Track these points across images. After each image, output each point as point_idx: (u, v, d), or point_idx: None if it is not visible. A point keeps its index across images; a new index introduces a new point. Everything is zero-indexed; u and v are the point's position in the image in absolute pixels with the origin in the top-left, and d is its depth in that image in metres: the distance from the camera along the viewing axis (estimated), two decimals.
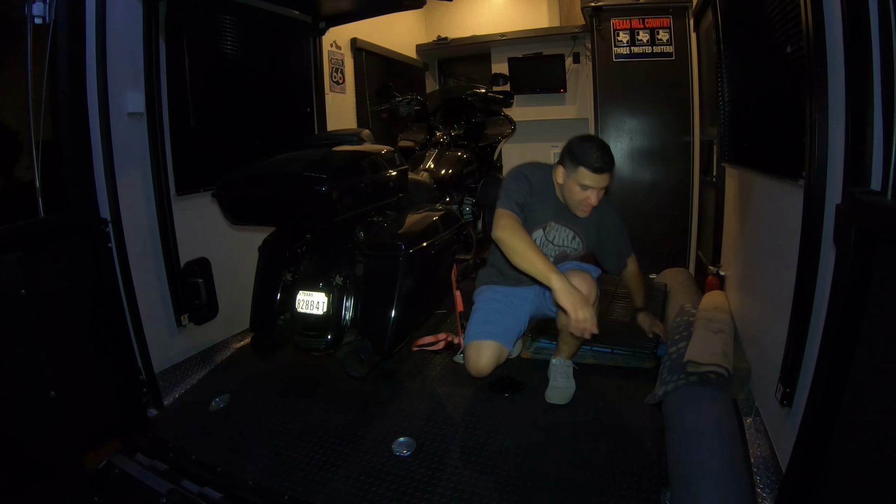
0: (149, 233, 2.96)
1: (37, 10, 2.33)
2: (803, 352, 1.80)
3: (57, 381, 2.11)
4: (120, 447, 2.54)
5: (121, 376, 2.65)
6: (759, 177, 2.67)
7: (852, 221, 1.37)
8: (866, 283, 1.33)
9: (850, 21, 1.49)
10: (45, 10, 2.34)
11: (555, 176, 2.64)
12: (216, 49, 3.47)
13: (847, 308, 1.39)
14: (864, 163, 1.44)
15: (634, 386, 2.80)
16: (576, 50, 6.09)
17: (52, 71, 2.39)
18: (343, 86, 5.01)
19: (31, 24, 2.31)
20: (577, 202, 2.56)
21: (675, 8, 4.67)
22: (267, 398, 2.88)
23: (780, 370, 1.94)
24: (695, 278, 4.21)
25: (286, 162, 2.58)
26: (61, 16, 2.38)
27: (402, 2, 4.22)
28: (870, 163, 1.43)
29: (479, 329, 2.80)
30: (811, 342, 1.76)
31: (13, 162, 2.46)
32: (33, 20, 2.32)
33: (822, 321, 1.57)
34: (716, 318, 2.83)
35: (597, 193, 2.52)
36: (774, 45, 2.20)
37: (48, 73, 2.37)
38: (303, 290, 2.73)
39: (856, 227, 1.35)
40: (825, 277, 1.67)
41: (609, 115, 4.94)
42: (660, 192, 4.88)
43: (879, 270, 1.29)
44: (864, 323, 1.34)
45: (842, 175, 1.55)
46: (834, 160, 1.66)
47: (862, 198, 1.35)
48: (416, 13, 6.34)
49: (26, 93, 2.31)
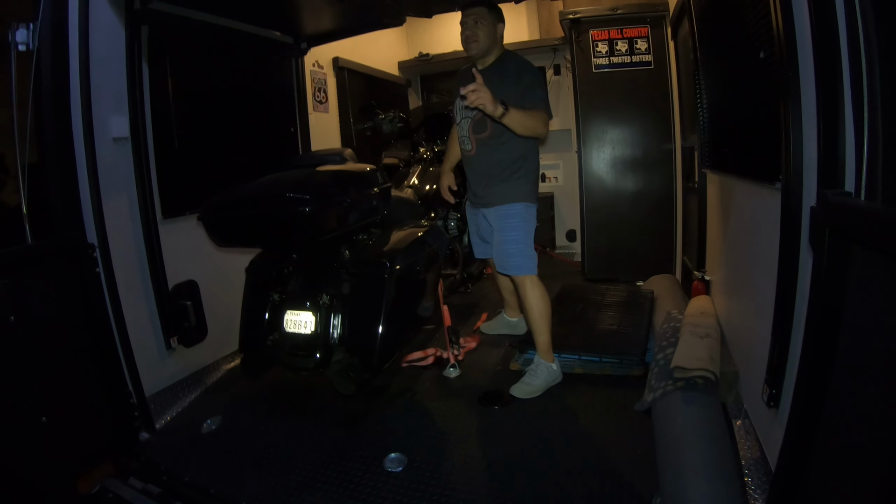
0: (136, 256, 2.96)
1: (21, 37, 2.34)
2: (787, 353, 1.82)
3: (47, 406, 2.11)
4: (113, 471, 2.52)
5: (111, 400, 2.63)
6: (738, 182, 2.71)
7: (826, 223, 1.40)
8: (843, 283, 1.35)
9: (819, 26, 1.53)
10: (28, 37, 2.35)
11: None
12: (199, 72, 3.49)
13: (825, 308, 1.41)
14: (837, 165, 1.47)
15: (623, 394, 2.81)
16: (556, 62, 6.15)
17: (37, 97, 2.40)
18: (326, 105, 5.03)
19: (14, 50, 2.32)
20: (464, 41, 2.95)
21: (652, 17, 4.72)
22: (258, 418, 2.87)
23: (766, 371, 1.96)
24: (681, 284, 4.24)
25: (270, 183, 2.59)
26: (45, 42, 2.39)
27: (383, 20, 4.24)
28: (843, 165, 1.45)
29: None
30: (794, 343, 1.78)
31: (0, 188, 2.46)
32: (17, 47, 2.33)
33: (804, 321, 1.58)
34: (702, 322, 2.86)
35: (470, 26, 2.90)
36: (748, 52, 2.24)
37: (33, 98, 2.37)
38: (290, 309, 2.73)
39: (829, 227, 1.38)
40: (805, 278, 1.69)
41: (591, 126, 4.97)
42: (643, 199, 4.91)
43: (855, 269, 1.31)
44: (842, 322, 1.36)
45: (816, 177, 1.58)
46: (809, 163, 1.69)
47: (835, 199, 1.37)
48: (397, 30, 6.36)
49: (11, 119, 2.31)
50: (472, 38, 2.90)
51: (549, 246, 6.30)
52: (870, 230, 1.23)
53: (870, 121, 1.32)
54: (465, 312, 4.26)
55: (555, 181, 6.52)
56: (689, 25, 3.54)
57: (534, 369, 2.97)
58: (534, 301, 2.94)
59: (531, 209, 3.01)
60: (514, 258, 2.98)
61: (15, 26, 2.33)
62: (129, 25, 2.85)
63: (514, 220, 2.96)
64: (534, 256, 2.99)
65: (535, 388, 2.90)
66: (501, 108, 2.57)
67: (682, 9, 3.86)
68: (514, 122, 2.67)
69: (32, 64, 2.37)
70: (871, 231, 1.22)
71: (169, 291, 3.10)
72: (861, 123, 1.35)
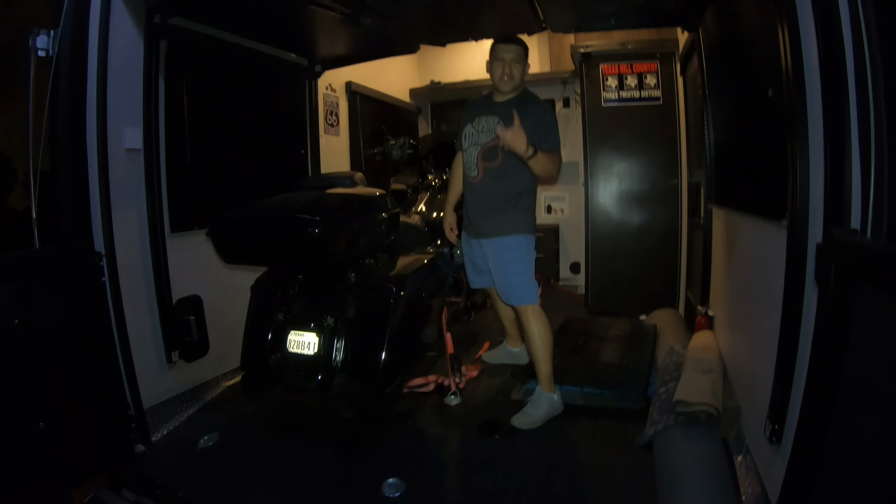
0: (142, 268, 2.97)
1: (41, 43, 2.38)
2: (790, 388, 1.81)
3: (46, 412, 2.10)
4: (106, 482, 2.51)
5: (109, 411, 2.62)
6: (744, 218, 2.72)
7: (832, 260, 1.41)
8: (848, 319, 1.35)
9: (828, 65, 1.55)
10: (48, 44, 2.39)
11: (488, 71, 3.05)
12: (214, 88, 3.54)
13: (829, 344, 1.41)
14: (843, 203, 1.48)
15: (625, 427, 2.79)
16: (566, 95, 6.20)
17: (53, 103, 2.43)
18: (337, 128, 5.07)
19: (34, 56, 2.36)
20: (499, 75, 2.97)
21: (662, 54, 4.79)
22: (256, 437, 2.85)
23: (769, 407, 1.95)
24: (684, 319, 4.23)
25: (280, 203, 2.62)
26: (64, 49, 2.43)
27: (397, 47, 4.32)
28: (849, 202, 1.46)
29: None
30: (798, 378, 1.77)
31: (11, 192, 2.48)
32: (37, 52, 2.37)
33: (808, 357, 1.58)
34: (705, 357, 2.85)
35: (508, 63, 2.94)
36: (757, 89, 2.26)
37: (49, 105, 2.40)
38: (294, 330, 2.73)
39: (836, 265, 1.38)
40: (809, 315, 1.69)
41: (598, 159, 5.00)
42: (649, 234, 4.92)
43: (859, 306, 1.32)
44: (846, 358, 1.36)
45: (822, 215, 1.59)
46: (815, 201, 1.69)
47: (841, 237, 1.38)
48: (409, 58, 6.44)
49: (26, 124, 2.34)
50: (508, 75, 2.95)
51: (552, 277, 6.29)
52: (876, 267, 1.24)
53: (876, 159, 1.33)
54: (468, 341, 4.25)
55: (560, 213, 6.52)
56: (699, 62, 3.58)
57: (535, 400, 2.95)
58: (536, 330, 2.94)
59: (530, 240, 3.02)
60: (516, 289, 2.99)
61: (36, 32, 2.37)
62: (147, 39, 2.91)
63: (514, 252, 2.98)
64: (535, 286, 3.00)
65: (536, 418, 2.89)
66: (532, 149, 2.64)
67: (691, 46, 3.92)
68: (537, 163, 2.75)
69: (51, 70, 2.40)
70: (878, 268, 1.23)
71: (173, 305, 3.10)
72: (868, 161, 1.37)
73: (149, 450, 2.76)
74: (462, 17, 3.66)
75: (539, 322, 2.95)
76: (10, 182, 2.47)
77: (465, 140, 3.12)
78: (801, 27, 1.72)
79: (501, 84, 2.98)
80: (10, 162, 2.48)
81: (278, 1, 3.19)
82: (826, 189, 1.57)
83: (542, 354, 2.95)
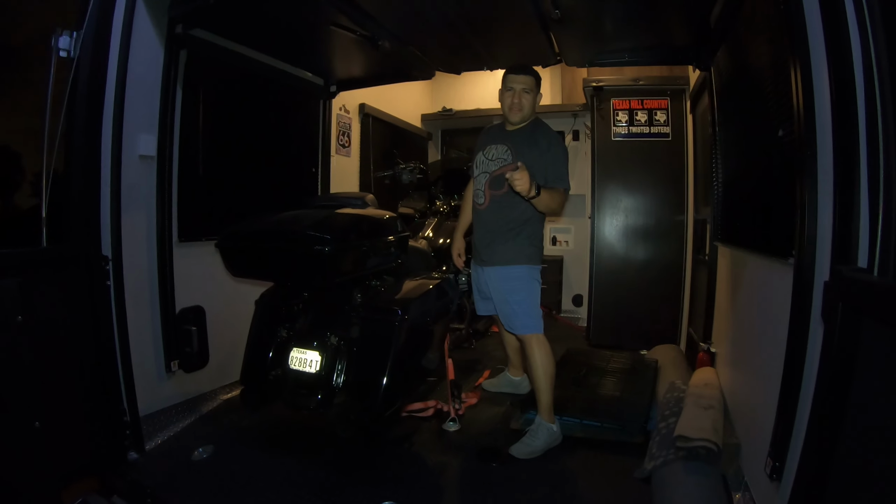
0: (147, 275, 2.99)
1: (63, 44, 2.43)
2: (792, 425, 1.81)
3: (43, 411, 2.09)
4: (97, 487, 2.49)
5: (105, 415, 2.61)
6: (750, 256, 2.72)
7: (840, 298, 1.41)
8: (853, 357, 1.35)
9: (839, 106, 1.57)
10: (70, 45, 2.44)
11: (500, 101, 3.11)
12: (230, 101, 3.59)
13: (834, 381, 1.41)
14: (851, 241, 1.49)
15: (623, 460, 2.77)
16: (576, 128, 6.26)
17: (71, 104, 2.46)
18: (349, 149, 5.13)
19: (55, 56, 2.40)
20: (508, 105, 3.03)
21: (673, 90, 4.84)
22: (252, 453, 2.83)
23: (770, 444, 1.94)
24: (686, 355, 4.21)
25: (292, 220, 2.63)
26: (86, 52, 2.48)
27: (413, 72, 4.38)
28: (857, 241, 1.47)
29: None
30: (800, 415, 1.76)
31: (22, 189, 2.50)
32: (58, 53, 2.41)
33: (811, 395, 1.58)
34: (706, 394, 2.83)
35: (518, 92, 2.99)
36: (767, 129, 2.29)
37: (66, 106, 2.43)
38: (297, 347, 2.73)
39: (843, 302, 1.39)
40: (814, 352, 1.69)
41: (606, 193, 5.03)
42: (653, 269, 4.93)
43: (866, 345, 1.32)
44: (850, 397, 1.36)
45: (829, 253, 1.60)
46: (823, 239, 1.71)
47: (849, 275, 1.39)
48: (422, 84, 6.55)
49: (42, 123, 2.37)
50: (518, 106, 3.01)
51: (555, 309, 6.28)
52: (883, 305, 1.24)
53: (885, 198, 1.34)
54: (468, 368, 4.24)
55: (565, 245, 6.54)
56: (709, 100, 3.62)
57: (534, 430, 2.93)
58: (539, 360, 2.94)
59: (534, 271, 3.04)
60: (519, 318, 3.00)
61: (59, 32, 2.41)
62: (168, 48, 2.97)
63: (517, 282, 2.99)
64: (539, 316, 3.00)
65: (534, 448, 2.86)
66: (535, 191, 2.66)
67: (702, 84, 3.96)
68: (540, 203, 2.77)
69: (71, 72, 2.43)
70: (885, 306, 1.23)
71: (175, 314, 3.11)
72: (876, 199, 1.38)
73: (142, 457, 2.75)
74: (479, 46, 3.72)
75: (542, 351, 2.95)
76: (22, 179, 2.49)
77: (476, 168, 3.16)
78: (814, 68, 1.75)
79: (511, 114, 3.04)
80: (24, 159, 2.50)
81: (299, 20, 3.25)
82: (834, 227, 1.58)
83: (544, 384, 2.94)
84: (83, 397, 2.53)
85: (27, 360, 2.09)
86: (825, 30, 1.67)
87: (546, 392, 2.94)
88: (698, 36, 3.39)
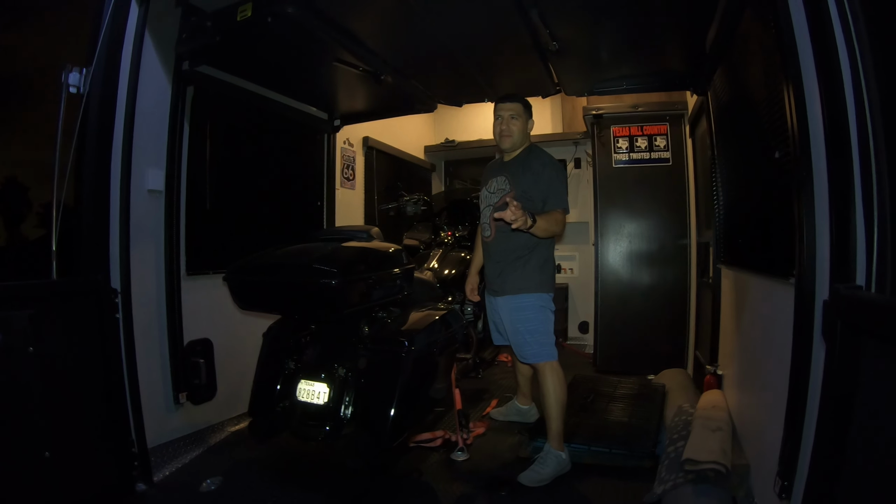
0: (156, 308, 3.02)
1: (73, 80, 2.50)
2: (800, 443, 1.81)
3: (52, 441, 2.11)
4: None
5: (113, 447, 2.62)
6: (752, 277, 2.74)
7: (838, 315, 1.43)
8: (855, 374, 1.36)
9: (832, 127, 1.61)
10: (80, 81, 2.51)
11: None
12: (236, 136, 3.66)
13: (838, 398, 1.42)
14: (849, 259, 1.51)
15: (633, 485, 2.75)
16: (577, 156, 6.32)
17: (81, 139, 2.52)
18: (353, 182, 5.19)
19: (65, 92, 2.47)
20: (499, 133, 3.10)
21: (671, 115, 4.90)
22: (260, 484, 2.83)
23: (779, 463, 1.94)
24: (693, 378, 4.20)
25: (298, 253, 2.67)
26: (95, 88, 2.54)
27: (415, 105, 4.45)
28: (854, 259, 1.50)
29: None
30: (807, 433, 1.77)
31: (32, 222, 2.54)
32: (68, 89, 2.48)
33: (817, 412, 1.59)
34: (714, 416, 2.83)
35: (506, 119, 3.07)
36: (764, 151, 2.33)
37: (76, 140, 2.49)
38: (305, 379, 2.74)
39: (841, 320, 1.41)
40: (818, 370, 1.70)
41: (609, 219, 5.06)
42: (658, 293, 4.93)
43: (866, 361, 1.33)
44: (854, 413, 1.37)
45: (828, 272, 1.63)
46: (821, 258, 1.73)
47: (846, 293, 1.41)
48: (425, 116, 6.60)
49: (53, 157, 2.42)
50: (507, 132, 3.06)
51: (561, 337, 6.26)
52: (880, 321, 1.26)
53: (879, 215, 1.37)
54: (475, 397, 4.23)
55: (570, 272, 6.54)
56: (708, 124, 3.67)
57: (543, 457, 2.92)
58: (551, 387, 2.95)
59: (545, 299, 3.05)
60: (530, 347, 3.01)
61: (69, 68, 2.48)
62: (175, 84, 3.04)
63: (528, 311, 3.01)
64: (552, 343, 3.01)
65: (544, 476, 2.85)
66: (531, 221, 2.68)
67: (700, 108, 4.02)
68: (539, 230, 2.79)
69: (81, 107, 2.50)
70: (882, 322, 1.25)
71: (184, 347, 3.14)
72: (871, 218, 1.41)
73: (150, 489, 2.75)
74: (480, 78, 3.79)
75: (556, 379, 2.96)
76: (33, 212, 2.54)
77: (482, 202, 3.22)
78: (806, 91, 1.79)
79: (502, 141, 3.10)
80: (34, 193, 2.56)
81: (304, 57, 3.33)
82: (832, 247, 1.61)
83: (555, 412, 2.94)
84: (92, 428, 2.54)
85: (38, 391, 2.12)
86: (815, 52, 1.71)
87: (557, 420, 2.94)
88: (694, 61, 3.46)
